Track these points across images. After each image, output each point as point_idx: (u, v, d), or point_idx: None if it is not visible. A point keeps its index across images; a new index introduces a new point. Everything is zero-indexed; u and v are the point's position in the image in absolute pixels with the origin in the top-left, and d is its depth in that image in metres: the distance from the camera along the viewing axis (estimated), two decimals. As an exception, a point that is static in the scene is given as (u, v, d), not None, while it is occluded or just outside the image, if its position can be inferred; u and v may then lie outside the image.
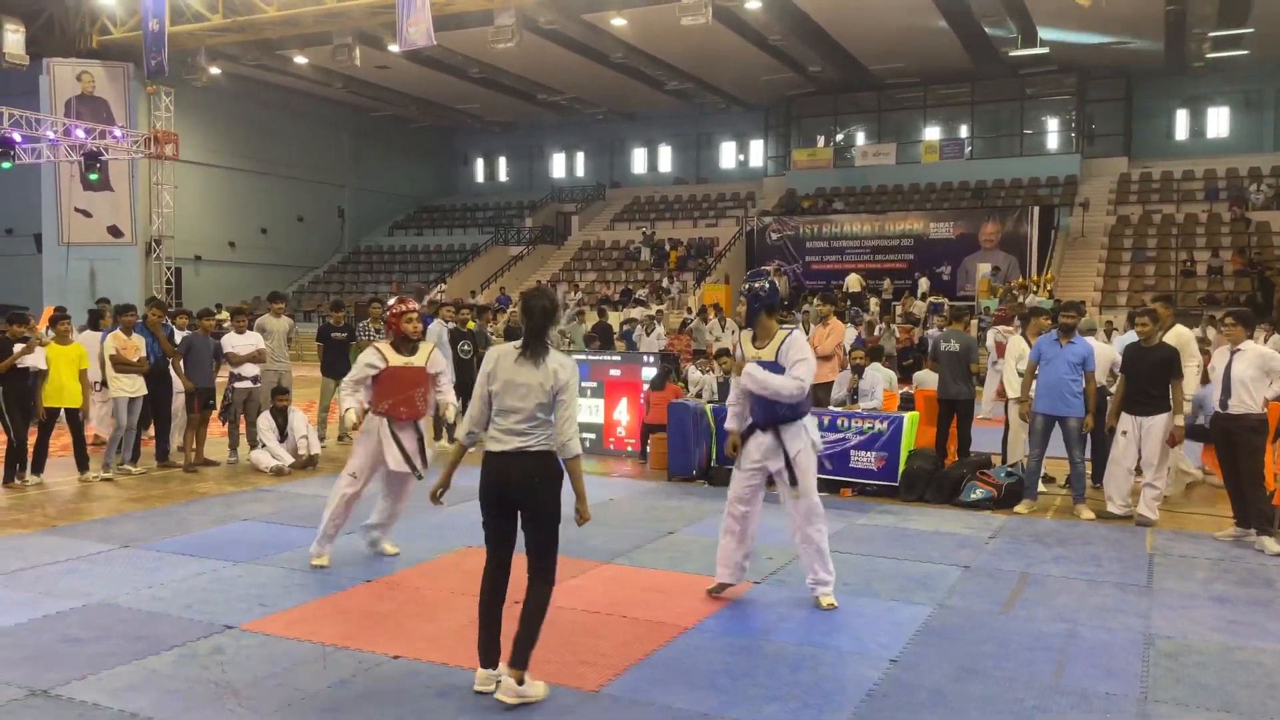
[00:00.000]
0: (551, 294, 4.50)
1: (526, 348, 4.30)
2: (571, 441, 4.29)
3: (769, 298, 5.63)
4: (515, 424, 4.27)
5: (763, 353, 5.56)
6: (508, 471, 4.27)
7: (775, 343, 5.55)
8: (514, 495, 4.29)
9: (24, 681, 4.48)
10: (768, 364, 5.50)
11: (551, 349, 4.34)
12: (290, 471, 9.91)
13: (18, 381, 9.05)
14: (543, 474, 4.28)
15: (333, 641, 5.01)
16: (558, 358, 4.32)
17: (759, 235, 31.10)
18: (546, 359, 4.28)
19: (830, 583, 5.64)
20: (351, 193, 39.08)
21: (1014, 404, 9.20)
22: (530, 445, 4.26)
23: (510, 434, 4.28)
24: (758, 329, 5.66)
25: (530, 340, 4.31)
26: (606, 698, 4.38)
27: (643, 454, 10.75)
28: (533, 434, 4.27)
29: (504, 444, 4.28)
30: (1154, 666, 4.80)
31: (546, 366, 4.27)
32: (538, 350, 4.29)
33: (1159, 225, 28.40)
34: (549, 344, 4.33)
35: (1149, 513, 7.79)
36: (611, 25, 26.23)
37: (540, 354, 4.28)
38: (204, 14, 25.30)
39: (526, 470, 4.26)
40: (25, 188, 29.10)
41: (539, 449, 4.27)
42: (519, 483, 4.26)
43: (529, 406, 4.26)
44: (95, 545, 6.94)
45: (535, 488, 4.26)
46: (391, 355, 6.28)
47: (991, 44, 27.86)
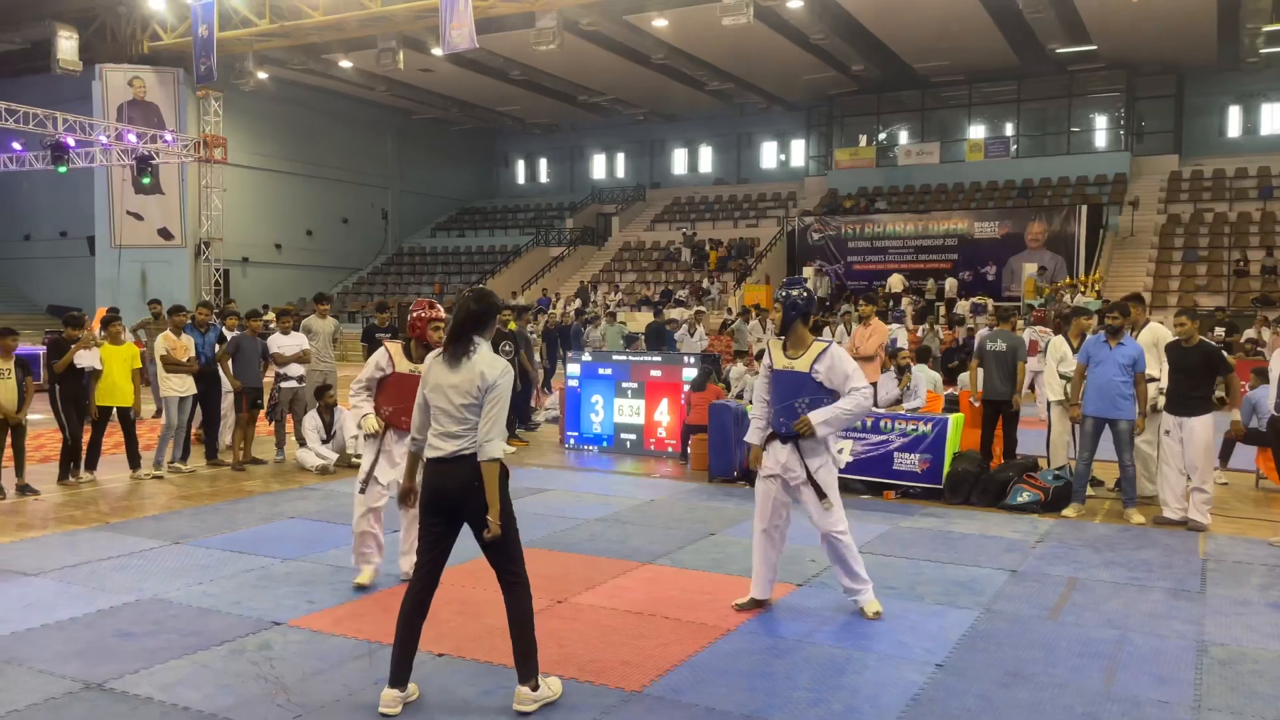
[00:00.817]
0: (488, 297, 4.29)
1: (445, 349, 4.19)
2: (489, 443, 4.07)
3: (806, 306, 5.48)
4: (448, 428, 4.13)
5: (796, 363, 5.40)
6: (445, 478, 4.14)
7: (810, 354, 5.38)
8: (453, 503, 4.15)
9: (78, 675, 4.57)
10: (800, 374, 5.36)
11: (481, 351, 4.17)
12: (335, 470, 10.03)
13: (73, 381, 9.26)
14: (478, 477, 4.09)
15: (378, 638, 5.06)
16: (487, 358, 4.17)
17: (800, 235, 30.94)
18: (472, 359, 4.13)
19: (868, 587, 5.52)
20: (395, 195, 39.49)
21: (1056, 405, 9.06)
22: (465, 449, 4.11)
23: (445, 438, 4.14)
24: (791, 337, 5.49)
25: (449, 341, 4.19)
26: (650, 698, 4.38)
27: (683, 455, 10.73)
28: (466, 437, 4.11)
29: (439, 449, 4.14)
30: (1207, 674, 4.70)
31: (473, 367, 4.12)
32: (457, 351, 4.14)
33: (1211, 224, 27.83)
34: (474, 345, 4.15)
35: (1200, 518, 7.63)
36: (652, 26, 26.24)
37: (460, 355, 4.13)
38: (251, 19, 25.70)
39: (463, 475, 4.10)
40: (78, 191, 29.81)
41: (472, 452, 4.11)
42: (456, 489, 4.12)
43: (455, 409, 4.11)
44: (147, 541, 7.07)
45: (475, 492, 4.08)
46: (400, 360, 5.93)
47: (1038, 41, 27.47)
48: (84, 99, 28.02)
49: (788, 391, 5.41)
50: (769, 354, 5.59)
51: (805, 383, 5.36)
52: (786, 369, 5.43)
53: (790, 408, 5.38)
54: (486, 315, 4.22)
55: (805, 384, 5.36)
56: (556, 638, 5.00)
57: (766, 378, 5.58)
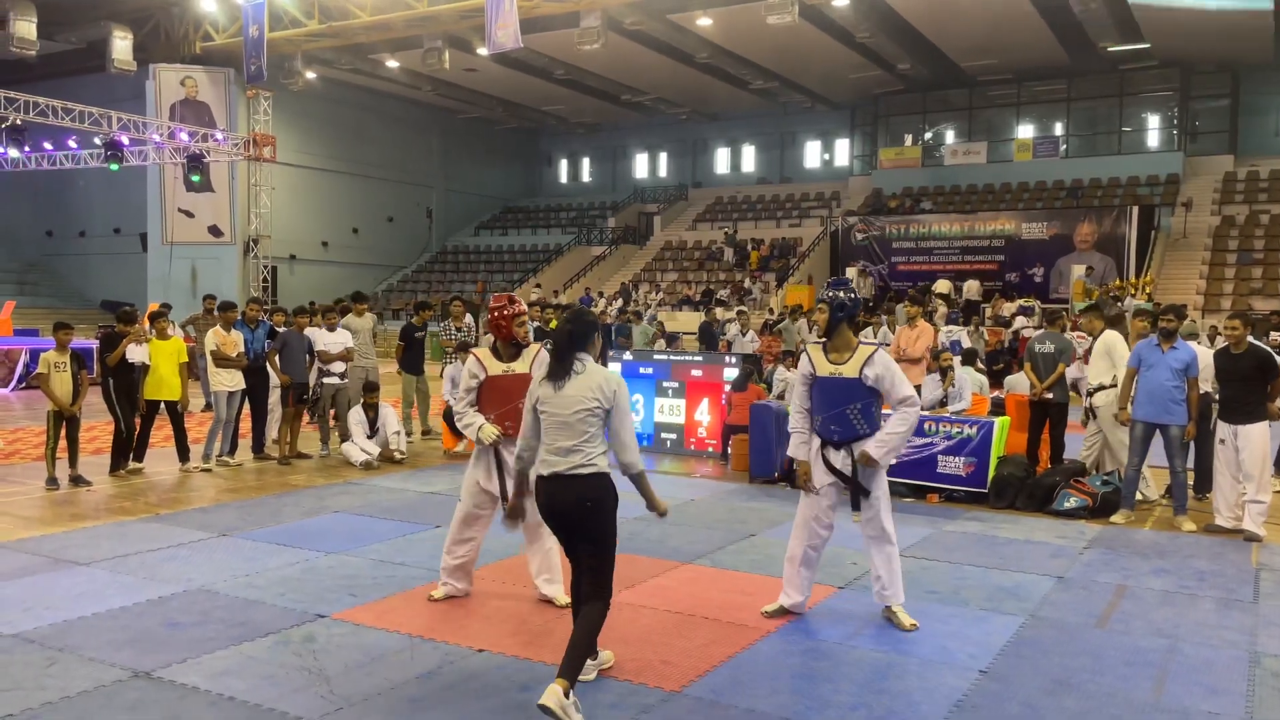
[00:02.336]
0: (584, 316, 4.38)
1: (551, 371, 4.24)
2: (635, 462, 4.24)
3: (853, 307, 5.30)
4: (561, 444, 4.18)
5: (843, 368, 5.22)
6: (556, 495, 4.21)
7: (858, 359, 5.20)
8: (565, 519, 4.25)
9: (128, 663, 4.66)
10: (849, 380, 5.19)
11: (588, 363, 4.23)
12: (379, 465, 10.14)
13: (125, 375, 9.45)
14: (594, 496, 4.19)
15: (419, 633, 5.10)
16: (600, 371, 4.23)
17: (844, 235, 30.72)
18: (587, 375, 4.19)
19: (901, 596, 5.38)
20: (439, 193, 39.82)
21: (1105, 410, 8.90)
22: (579, 466, 4.17)
23: (560, 454, 4.18)
24: (836, 340, 5.30)
25: (553, 363, 4.25)
26: (689, 698, 4.37)
27: (724, 455, 10.70)
28: (579, 453, 4.17)
29: (554, 466, 4.19)
30: (1260, 686, 4.59)
31: (590, 381, 4.18)
32: (564, 370, 4.20)
33: (1267, 226, 27.17)
34: (579, 361, 4.22)
35: (1255, 528, 7.44)
36: (696, 25, 26.20)
37: (564, 374, 4.19)
38: (300, 20, 26.07)
39: (575, 494, 4.18)
40: (131, 189, 30.43)
41: (588, 470, 4.17)
42: (568, 507, 4.20)
43: (574, 422, 4.16)
44: (195, 533, 7.19)
45: (586, 513, 4.18)
46: (491, 363, 5.50)
47: (1089, 39, 27.01)
48: (138, 98, 28.60)
49: (838, 399, 5.22)
50: (809, 360, 5.36)
51: (856, 389, 5.18)
52: (833, 375, 5.23)
53: (843, 415, 5.21)
54: (585, 335, 4.29)
55: (856, 390, 5.18)
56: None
57: (806, 386, 5.38)
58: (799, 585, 5.47)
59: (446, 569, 5.70)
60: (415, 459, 10.74)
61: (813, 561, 5.48)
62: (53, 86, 26.97)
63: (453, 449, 11.00)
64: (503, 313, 5.46)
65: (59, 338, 9.01)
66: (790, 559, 5.49)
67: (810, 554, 5.45)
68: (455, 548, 5.66)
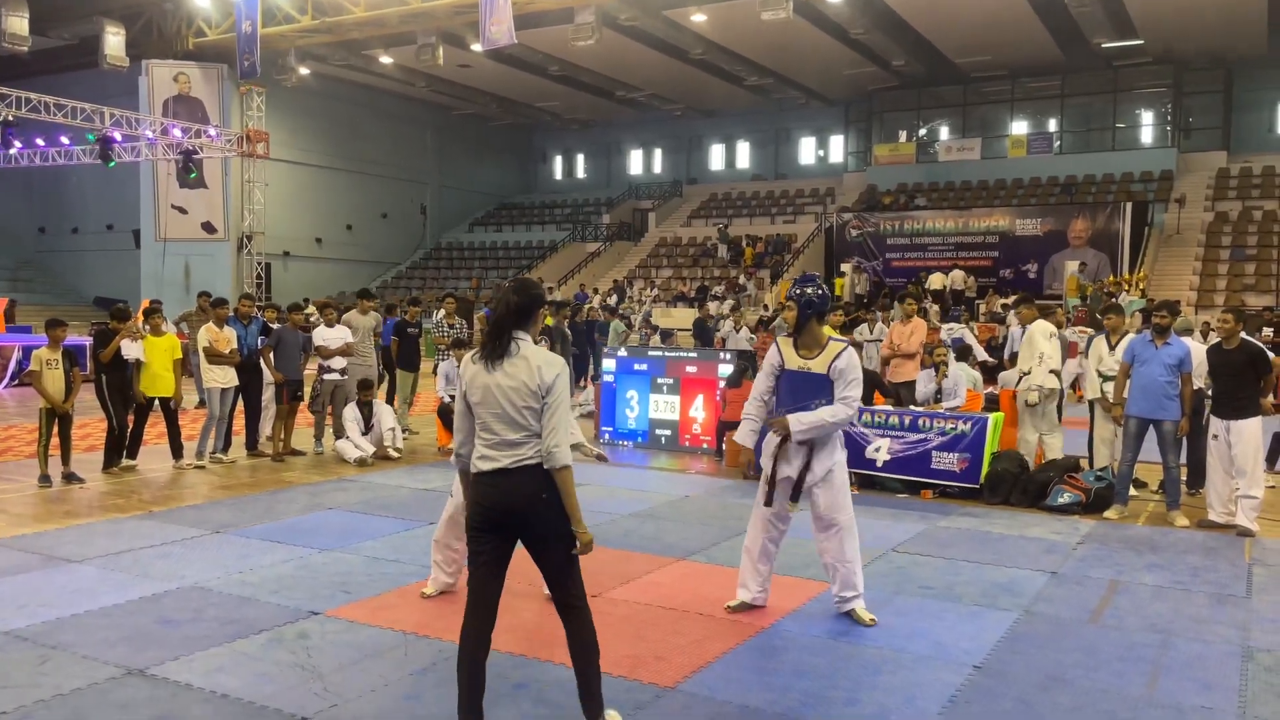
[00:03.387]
0: (531, 288, 3.83)
1: (481, 348, 3.75)
2: (558, 449, 3.63)
3: (821, 304, 5.28)
4: (505, 435, 3.67)
5: (812, 363, 5.21)
6: (504, 492, 3.67)
7: (828, 355, 5.19)
8: (515, 519, 3.70)
9: (121, 661, 4.65)
10: (816, 376, 5.19)
11: (527, 346, 3.73)
12: (373, 462, 10.12)
13: (119, 371, 9.43)
14: (550, 488, 3.66)
15: (413, 630, 5.10)
16: (540, 355, 3.72)
17: (838, 232, 30.72)
18: (525, 358, 3.69)
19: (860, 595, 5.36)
20: (433, 190, 39.76)
21: (1098, 405, 8.93)
22: (528, 458, 3.67)
23: (501, 447, 3.68)
24: (805, 336, 5.28)
25: (488, 339, 3.74)
26: (683, 694, 4.37)
27: (718, 451, 10.70)
28: (527, 444, 3.67)
29: (495, 460, 3.68)
30: (1253, 680, 4.60)
31: (527, 365, 3.67)
32: (497, 349, 3.69)
33: (1260, 222, 27.24)
34: (519, 342, 3.72)
35: (1248, 523, 7.46)
36: (691, 21, 26.18)
37: (500, 354, 3.68)
38: (294, 15, 25.98)
39: (529, 487, 3.66)
40: (125, 186, 30.30)
41: (535, 462, 3.66)
42: (520, 503, 3.67)
43: (516, 413, 3.66)
44: (189, 530, 7.18)
45: (541, 507, 3.67)
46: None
47: (1083, 35, 27.05)
48: (130, 94, 28.47)
49: (802, 393, 5.23)
50: (779, 352, 5.36)
51: (822, 385, 5.20)
52: (801, 369, 5.25)
53: (805, 409, 5.20)
54: (530, 308, 3.77)
55: (823, 385, 5.20)
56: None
57: (773, 376, 5.37)
58: (758, 579, 5.49)
59: (437, 563, 5.72)
60: (410, 456, 10.73)
61: (771, 555, 5.51)
62: (45, 83, 26.81)
63: (447, 445, 10.99)
64: None
65: (52, 335, 8.98)
66: (747, 552, 5.50)
67: (769, 547, 5.47)
68: (447, 543, 5.67)
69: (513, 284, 3.86)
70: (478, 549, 3.77)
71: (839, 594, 5.39)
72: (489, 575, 3.77)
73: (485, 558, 3.76)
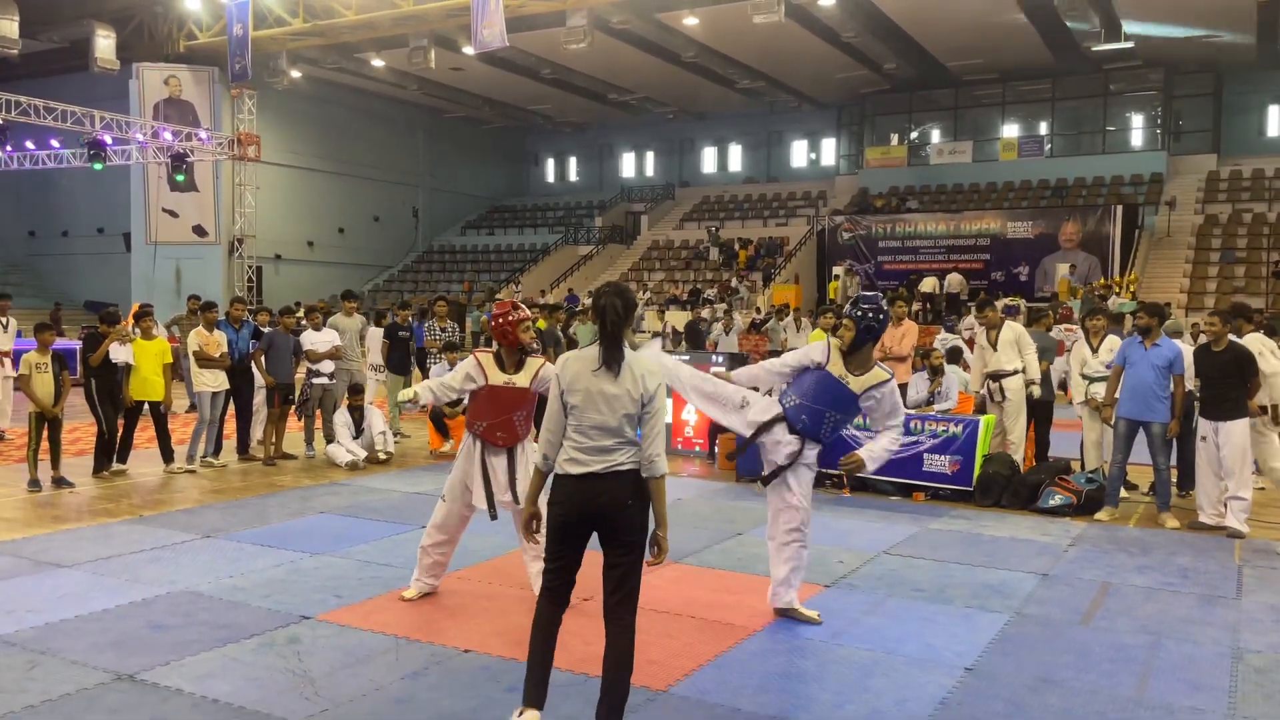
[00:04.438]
0: (626, 291, 3.88)
1: (605, 357, 3.75)
2: (659, 459, 3.75)
3: (881, 330, 5.39)
4: (600, 441, 3.73)
5: (851, 380, 5.27)
6: (594, 495, 3.72)
7: (868, 380, 5.27)
8: (598, 521, 3.76)
9: (111, 666, 4.63)
10: (849, 391, 5.25)
11: (631, 352, 3.80)
12: (364, 466, 10.10)
13: (108, 375, 9.39)
14: (636, 495, 3.74)
15: (405, 634, 5.09)
16: (644, 363, 3.80)
17: (830, 235, 30.77)
18: (629, 365, 3.75)
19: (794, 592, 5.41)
20: (425, 193, 39.70)
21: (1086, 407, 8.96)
22: (620, 464, 3.73)
23: (595, 453, 3.73)
24: (858, 356, 5.32)
25: (608, 347, 3.75)
26: (675, 697, 4.37)
27: (711, 454, 10.71)
28: (621, 450, 3.74)
29: (586, 464, 3.74)
30: (1243, 682, 4.62)
31: (632, 373, 3.74)
32: (616, 356, 3.74)
33: (1249, 225, 27.35)
34: (626, 348, 3.79)
35: (1238, 525, 7.49)
36: (683, 24, 26.19)
37: (619, 360, 3.74)
38: (285, 19, 25.94)
39: (616, 492, 3.71)
40: (115, 189, 30.21)
41: (628, 467, 3.74)
42: (606, 505, 3.71)
43: (615, 421, 3.72)
44: (179, 535, 7.15)
45: (629, 510, 3.72)
46: (492, 372, 5.38)
47: (1073, 39, 27.14)
48: (121, 97, 28.38)
49: (827, 400, 5.28)
50: (827, 354, 5.36)
51: (850, 402, 5.29)
52: (840, 378, 5.28)
53: (819, 414, 5.27)
54: (632, 312, 3.83)
55: (850, 405, 5.30)
56: (583, 635, 4.99)
57: (804, 367, 5.38)
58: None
59: (423, 566, 5.70)
60: (401, 459, 10.71)
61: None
62: (35, 86, 26.73)
63: (439, 449, 10.97)
64: (507, 319, 5.36)
65: (41, 338, 8.95)
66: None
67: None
68: (435, 546, 5.66)
69: (613, 289, 3.86)
70: (559, 552, 3.82)
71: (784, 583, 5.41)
72: (566, 575, 3.86)
73: (565, 561, 3.83)
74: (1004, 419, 9.16)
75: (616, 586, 3.79)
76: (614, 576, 3.79)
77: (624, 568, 3.78)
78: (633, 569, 3.79)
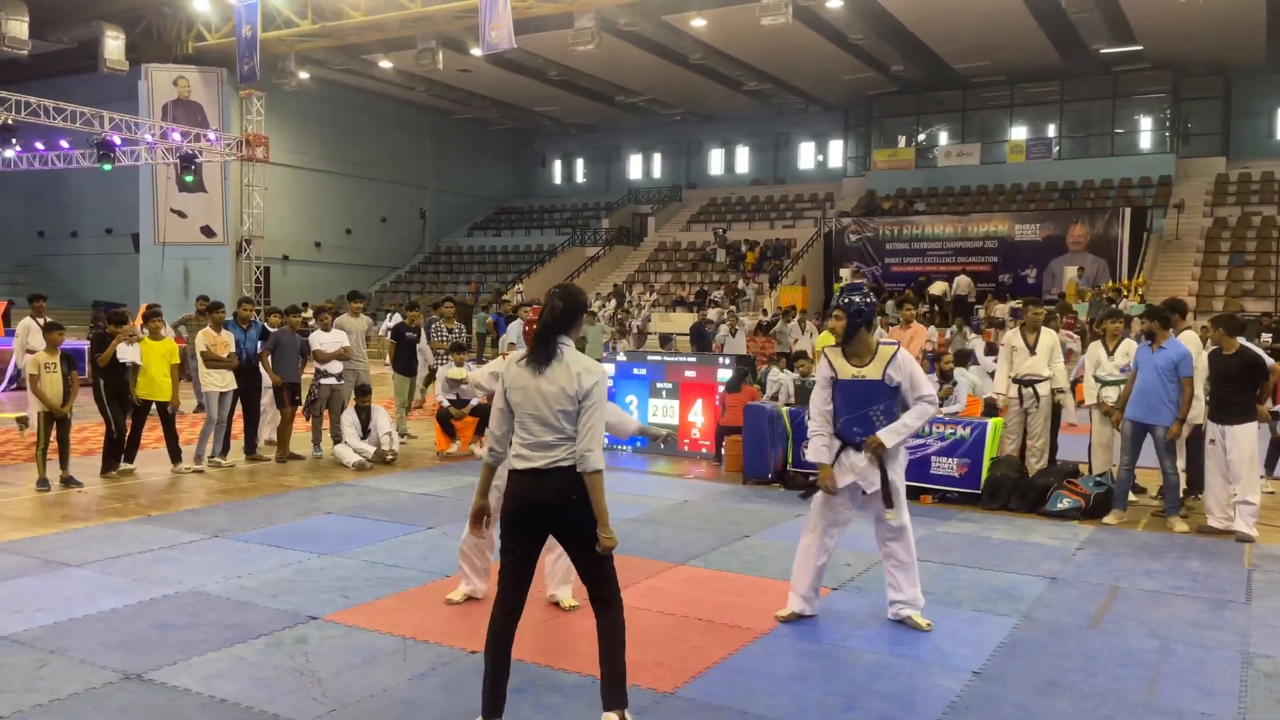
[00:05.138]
0: (572, 294, 3.98)
1: (529, 353, 3.91)
2: (591, 454, 3.79)
3: (870, 312, 5.32)
4: (541, 436, 3.83)
5: (865, 370, 5.23)
6: (537, 490, 3.83)
7: (880, 361, 5.22)
8: (544, 516, 3.87)
9: (118, 665, 4.64)
10: (872, 383, 5.20)
11: (569, 351, 3.89)
12: (371, 466, 10.11)
13: (117, 375, 9.42)
14: (580, 490, 3.81)
15: (412, 635, 5.09)
16: (581, 361, 3.88)
17: (837, 237, 30.75)
18: (564, 362, 3.85)
19: (920, 602, 5.39)
20: (432, 194, 39.78)
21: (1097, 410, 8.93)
22: (561, 460, 3.82)
23: (537, 448, 3.83)
24: (855, 345, 5.29)
25: (535, 344, 3.90)
26: (682, 700, 4.36)
27: (717, 456, 10.69)
28: (562, 446, 3.82)
29: (529, 460, 3.84)
30: (1253, 687, 4.60)
31: (567, 371, 3.83)
32: (545, 354, 3.85)
33: (1259, 228, 27.27)
34: (562, 347, 3.88)
35: (1247, 529, 7.46)
36: (690, 26, 26.22)
37: (547, 358, 3.85)
38: (294, 20, 26.01)
39: (558, 486, 3.81)
40: (124, 189, 30.34)
41: (571, 463, 3.82)
42: (550, 500, 3.83)
43: (552, 416, 3.81)
44: (187, 534, 7.16)
45: (572, 505, 3.81)
46: None
47: (1082, 41, 27.10)
48: (130, 98, 28.50)
49: (860, 401, 5.24)
50: (829, 364, 5.34)
51: (880, 390, 5.21)
52: (856, 378, 5.24)
53: (865, 417, 5.22)
54: (574, 314, 3.94)
55: (880, 391, 5.21)
56: (589, 637, 4.97)
57: (828, 389, 5.36)
58: (814, 590, 5.47)
59: (468, 569, 5.68)
60: (408, 460, 10.72)
61: (824, 567, 5.47)
62: (45, 86, 26.86)
63: (446, 450, 10.98)
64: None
65: (49, 338, 8.97)
66: (804, 558, 5.44)
67: (823, 557, 5.44)
68: (473, 548, 5.65)
69: (558, 291, 4.00)
70: (509, 544, 3.92)
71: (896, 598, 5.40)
72: (519, 570, 3.93)
73: (516, 554, 3.92)
74: (1032, 424, 9.04)
75: (590, 577, 3.96)
76: (583, 569, 3.97)
77: (587, 559, 3.91)
78: (597, 559, 3.90)
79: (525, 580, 3.94)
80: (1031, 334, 9.05)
